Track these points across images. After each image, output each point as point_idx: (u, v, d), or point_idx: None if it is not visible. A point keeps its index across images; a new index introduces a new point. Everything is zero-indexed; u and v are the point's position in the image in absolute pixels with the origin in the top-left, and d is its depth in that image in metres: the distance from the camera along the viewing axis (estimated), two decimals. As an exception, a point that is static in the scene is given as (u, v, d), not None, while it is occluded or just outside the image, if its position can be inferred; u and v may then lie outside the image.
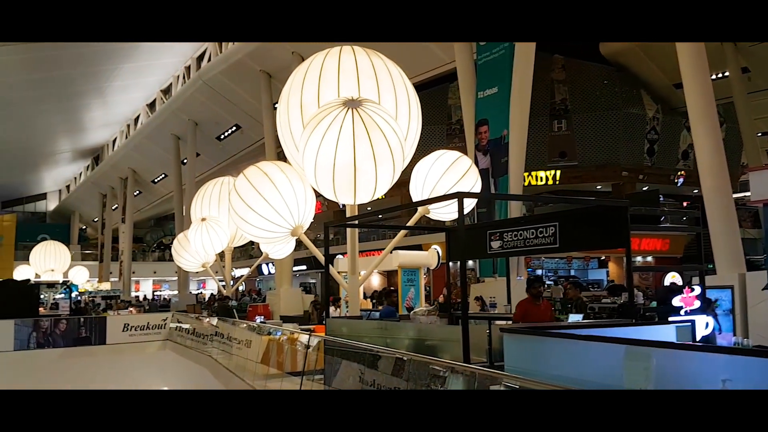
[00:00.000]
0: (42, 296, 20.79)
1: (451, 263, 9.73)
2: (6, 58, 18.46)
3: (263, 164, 10.10)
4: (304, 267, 27.46)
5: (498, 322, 7.16)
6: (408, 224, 9.80)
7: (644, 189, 23.69)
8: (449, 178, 8.50)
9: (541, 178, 22.53)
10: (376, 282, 22.78)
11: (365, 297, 14.60)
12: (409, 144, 8.65)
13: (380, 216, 20.60)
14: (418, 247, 18.18)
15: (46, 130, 28.86)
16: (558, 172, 22.58)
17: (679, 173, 24.23)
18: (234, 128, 23.30)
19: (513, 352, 5.12)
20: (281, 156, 15.27)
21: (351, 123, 7.50)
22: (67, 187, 41.86)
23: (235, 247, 16.62)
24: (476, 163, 11.89)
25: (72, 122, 28.20)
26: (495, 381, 4.23)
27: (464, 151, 11.93)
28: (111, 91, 24.52)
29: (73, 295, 26.74)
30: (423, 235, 18.97)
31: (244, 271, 23.83)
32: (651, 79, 22.42)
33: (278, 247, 13.05)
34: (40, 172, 38.05)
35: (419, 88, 12.09)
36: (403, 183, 9.59)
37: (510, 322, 7.32)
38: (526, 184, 18.17)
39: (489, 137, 13.53)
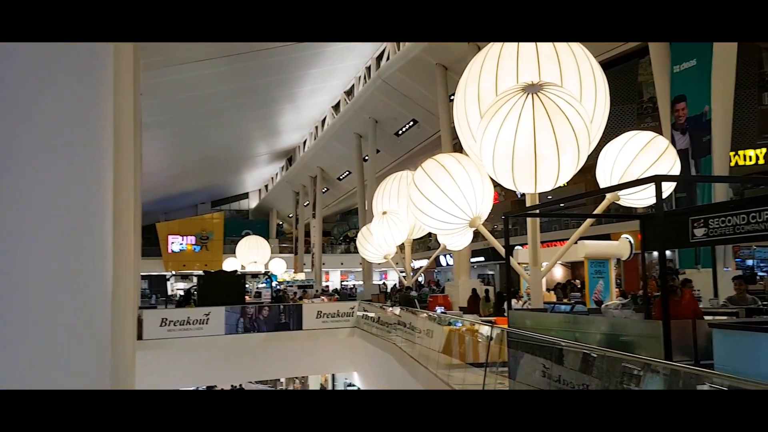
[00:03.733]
0: (247, 285, 22.95)
1: (646, 253, 8.94)
2: (213, 71, 20.81)
3: (440, 156, 10.18)
4: (482, 258, 27.28)
5: (707, 318, 6.44)
6: (595, 212, 9.22)
7: None
8: (643, 160, 7.82)
9: (750, 157, 19.83)
10: (559, 274, 21.88)
11: (548, 289, 14.05)
12: (595, 127, 8.12)
13: (562, 204, 19.68)
14: (607, 237, 17.06)
15: (247, 135, 32.09)
16: (770, 150, 19.74)
17: None
18: (411, 123, 23.83)
19: (724, 349, 4.58)
20: (457, 147, 15.28)
21: (531, 108, 7.22)
22: (266, 186, 46.12)
23: (414, 239, 17.02)
24: (673, 143, 10.84)
25: (268, 127, 30.99)
26: (700, 380, 3.83)
27: (658, 131, 10.93)
28: (301, 96, 26.48)
29: (273, 284, 29.48)
30: (612, 223, 17.80)
31: (423, 263, 24.32)
32: None
33: (456, 239, 13.10)
34: (242, 174, 42.38)
35: (606, 66, 11.27)
36: (588, 168, 9.03)
37: (714, 318, 6.56)
38: (732, 164, 16.13)
39: (687, 115, 12.29)
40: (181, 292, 28.81)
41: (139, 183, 12.86)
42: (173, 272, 38.71)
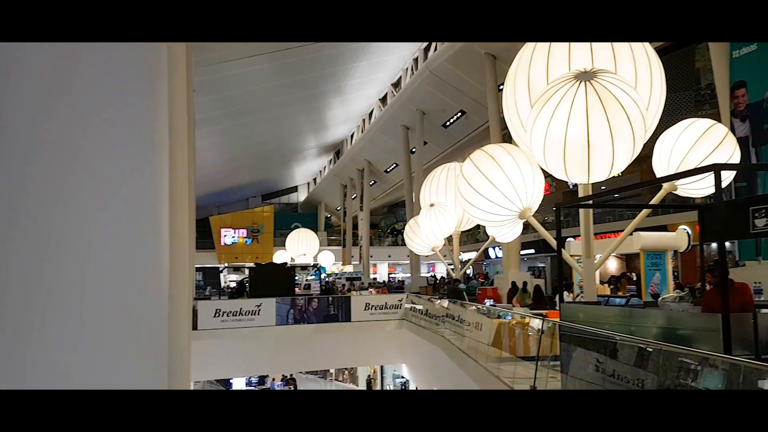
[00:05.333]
0: (296, 277, 23.29)
1: (705, 245, 8.62)
2: (260, 67, 21.13)
3: (489, 147, 10.06)
4: (532, 251, 26.88)
5: (764, 311, 6.19)
6: (651, 202, 8.94)
7: None
8: (701, 149, 7.54)
9: (817, 144, 18.83)
10: (613, 266, 21.35)
11: (602, 282, 13.74)
12: (650, 115, 7.86)
13: (617, 195, 19.16)
14: (663, 228, 16.54)
15: (296, 129, 32.47)
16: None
17: None
18: (459, 114, 23.60)
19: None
20: (506, 138, 15.04)
21: (584, 96, 7.04)
22: (314, 180, 46.63)
23: (462, 232, 16.89)
24: (732, 130, 10.40)
25: (316, 121, 31.28)
26: (761, 375, 3.70)
27: (717, 118, 10.51)
28: (348, 89, 26.59)
29: (322, 276, 29.85)
30: (669, 214, 17.25)
31: (472, 255, 24.13)
32: None
33: (505, 231, 12.93)
34: (291, 168, 42.96)
35: (662, 52, 10.90)
36: (643, 158, 8.78)
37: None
38: (797, 152, 15.36)
39: (747, 101, 11.76)
40: (233, 284, 29.46)
41: (194, 178, 13.21)
42: (226, 264, 39.66)
